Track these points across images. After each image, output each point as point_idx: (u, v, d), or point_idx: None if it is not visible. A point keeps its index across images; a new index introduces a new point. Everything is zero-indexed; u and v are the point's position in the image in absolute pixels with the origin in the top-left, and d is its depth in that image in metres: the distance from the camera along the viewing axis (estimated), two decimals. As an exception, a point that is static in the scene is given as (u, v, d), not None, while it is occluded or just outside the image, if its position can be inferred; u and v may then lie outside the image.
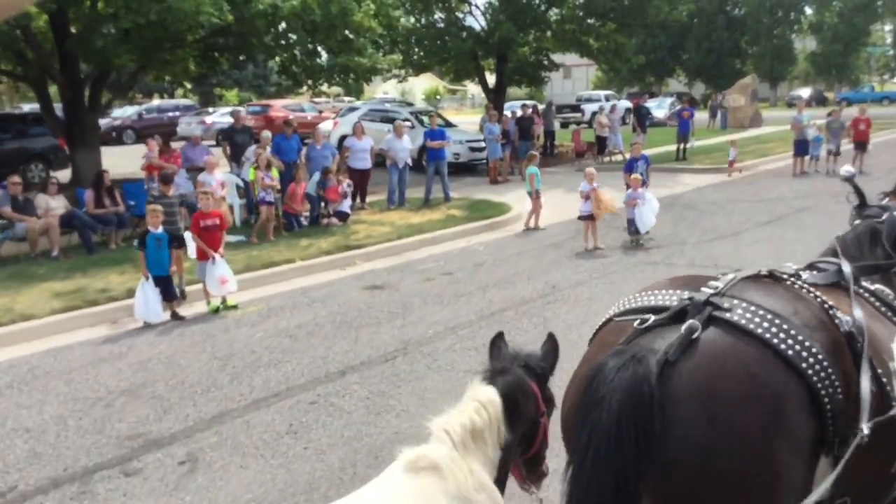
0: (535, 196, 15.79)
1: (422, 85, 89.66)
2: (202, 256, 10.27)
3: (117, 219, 14.20)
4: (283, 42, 16.45)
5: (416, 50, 29.37)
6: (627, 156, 28.11)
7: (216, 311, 10.24)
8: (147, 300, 9.64)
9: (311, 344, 8.71)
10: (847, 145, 23.61)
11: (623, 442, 2.32)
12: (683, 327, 2.50)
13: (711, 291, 2.66)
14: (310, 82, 19.58)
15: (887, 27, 74.18)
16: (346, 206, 16.17)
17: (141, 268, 9.90)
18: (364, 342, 8.71)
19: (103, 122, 40.79)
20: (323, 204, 16.09)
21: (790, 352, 2.46)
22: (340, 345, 8.65)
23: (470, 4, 29.73)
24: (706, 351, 2.45)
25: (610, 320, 2.93)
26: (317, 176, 16.06)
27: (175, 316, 10.00)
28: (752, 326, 2.50)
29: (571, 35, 28.40)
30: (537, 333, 8.72)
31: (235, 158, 16.88)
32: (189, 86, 53.79)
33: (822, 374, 2.46)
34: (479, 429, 2.70)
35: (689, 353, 2.44)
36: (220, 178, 14.60)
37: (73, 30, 17.73)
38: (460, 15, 29.97)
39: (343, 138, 26.72)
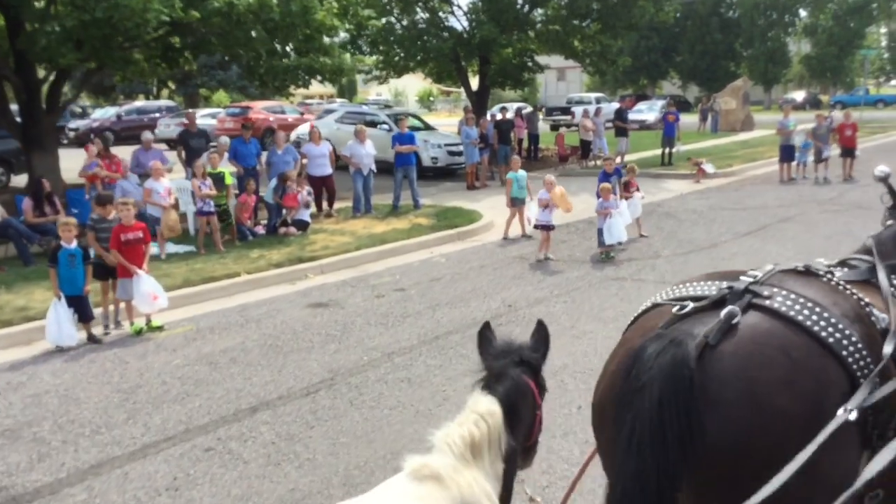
0: (511, 203, 15.00)
1: (416, 86, 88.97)
2: (123, 273, 9.42)
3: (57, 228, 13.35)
4: (242, 41, 15.47)
5: (397, 50, 28.54)
6: (601, 162, 27.55)
7: (139, 332, 9.41)
8: (59, 322, 8.80)
9: (230, 373, 7.89)
10: (834, 151, 22.82)
11: (665, 429, 2.30)
12: (723, 312, 2.49)
13: (751, 280, 2.66)
14: (276, 84, 18.64)
15: (882, 30, 73.41)
16: (305, 214, 15.34)
17: (52, 287, 9.06)
18: (289, 371, 7.89)
19: (81, 124, 40.21)
20: (282, 212, 15.25)
21: (831, 339, 2.44)
22: (262, 375, 7.83)
23: (452, 4, 28.92)
24: (746, 335, 2.44)
25: (649, 310, 2.92)
26: (273, 182, 15.24)
27: (91, 339, 9.16)
28: (792, 313, 2.48)
29: (555, 36, 27.59)
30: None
31: (190, 163, 16.04)
32: (173, 87, 53.08)
33: (862, 363, 2.44)
34: (478, 442, 2.70)
35: (729, 338, 2.43)
36: (168, 184, 13.75)
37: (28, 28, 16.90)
38: (442, 15, 29.16)
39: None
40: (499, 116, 25.82)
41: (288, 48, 17.22)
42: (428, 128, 27.12)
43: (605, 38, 27.88)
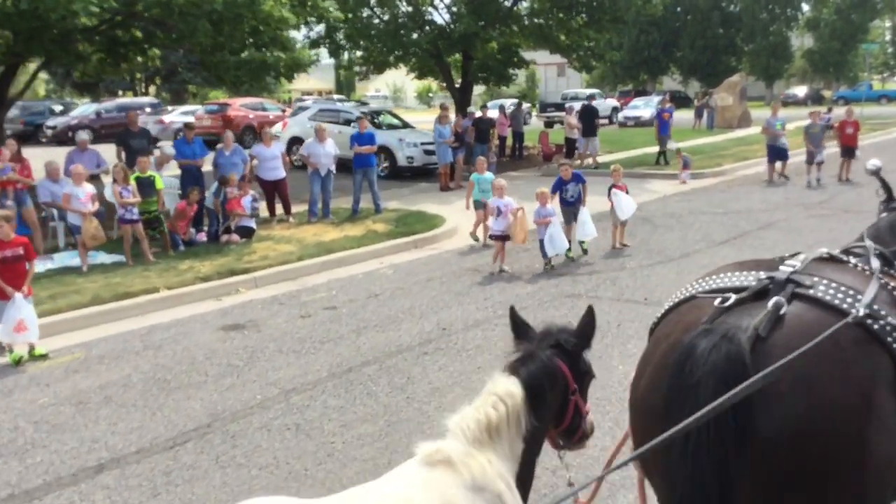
0: (472, 207, 13.96)
1: (416, 82, 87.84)
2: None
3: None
4: (186, 34, 14.41)
5: (379, 45, 27.39)
6: (589, 161, 26.39)
7: (17, 362, 8.33)
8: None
9: (95, 417, 6.82)
10: (833, 148, 21.65)
11: (723, 426, 2.26)
12: (770, 303, 2.44)
13: (791, 269, 2.61)
14: (231, 79, 17.54)
15: (887, 24, 71.98)
16: (250, 220, 14.27)
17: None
18: (163, 415, 6.82)
19: (60, 122, 39.17)
20: (223, 218, 14.17)
21: (875, 326, 2.41)
22: (131, 419, 6.75)
23: (433, -3, 27.82)
24: (795, 326, 2.40)
25: (684, 302, 2.79)
26: (214, 186, 14.18)
27: (-41, 370, 8.12)
28: (836, 302, 2.44)
29: (539, 30, 26.46)
30: (389, 401, 6.85)
31: (131, 165, 14.95)
32: (159, 83, 52.14)
33: None
34: (496, 423, 2.72)
35: (778, 329, 2.39)
36: (91, 189, 12.69)
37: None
38: (425, 9, 28.06)
39: (293, 141, 25.02)
40: (478, 114, 24.61)
41: (247, 42, 16.07)
42: (406, 126, 26.05)
43: (591, 31, 26.73)
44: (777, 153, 19.98)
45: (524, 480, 2.87)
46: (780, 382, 2.29)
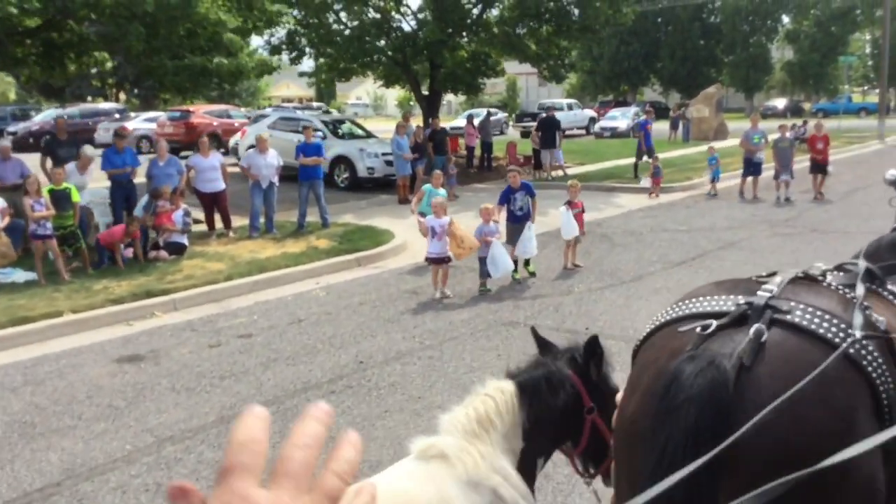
0: (414, 211, 13.15)
1: (397, 90, 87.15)
2: None
3: None
4: (117, 37, 13.55)
5: (342, 52, 26.55)
6: (558, 172, 25.66)
7: None
8: None
9: (-68, 471, 5.95)
10: (804, 163, 20.98)
11: (700, 451, 2.21)
12: (751, 331, 2.39)
13: (769, 294, 2.52)
14: (172, 86, 16.70)
15: (867, 36, 71.79)
16: (182, 236, 13.39)
17: None
18: (11, 471, 5.95)
19: (21, 127, 38.17)
20: (154, 234, 13.30)
21: (851, 350, 2.39)
22: (-28, 474, 5.89)
23: (400, 3, 26.99)
24: (777, 354, 2.38)
25: (664, 326, 2.70)
26: (144, 199, 13.31)
27: None
28: (813, 327, 2.44)
29: (505, 38, 25.72)
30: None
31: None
32: (125, 88, 51.05)
33: (880, 372, 2.44)
34: (484, 415, 2.80)
35: (761, 358, 2.36)
36: (1, 204, 11.81)
37: None
38: (394, 15, 27.29)
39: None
40: (460, 123, 23.82)
41: (183, 46, 15.21)
42: (369, 135, 25.24)
43: (560, 41, 26.01)
44: (752, 168, 19.17)
45: (524, 480, 2.85)
46: (762, 407, 2.26)
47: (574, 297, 10.66)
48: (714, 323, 2.52)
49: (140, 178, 14.72)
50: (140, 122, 35.56)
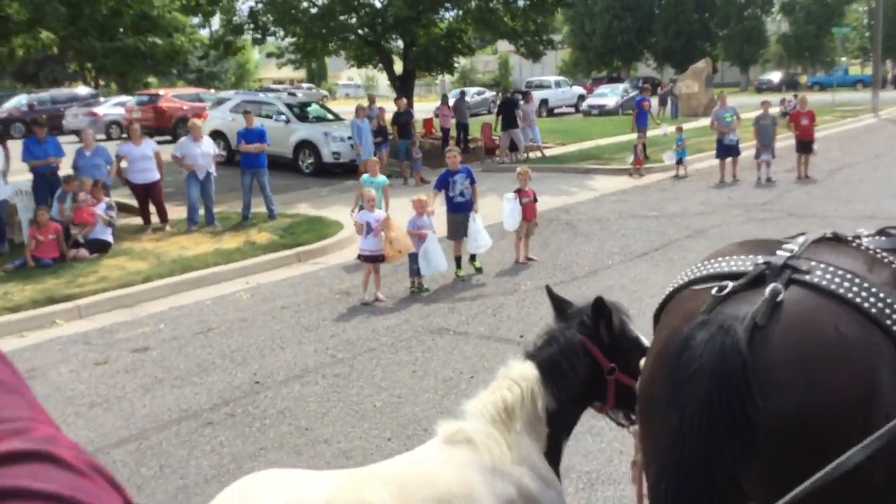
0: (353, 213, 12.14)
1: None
2: None
3: None
4: (37, 19, 12.47)
5: (307, 31, 25.39)
6: (535, 154, 24.55)
7: None
8: None
9: None
10: (786, 141, 19.91)
11: (716, 418, 2.25)
12: (767, 291, 2.38)
13: (788, 254, 2.54)
14: (102, 68, 15.63)
15: (863, 7, 70.29)
16: (105, 232, 12.38)
17: None
18: None
19: (-15, 114, 37.00)
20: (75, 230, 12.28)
21: (873, 309, 2.35)
22: None
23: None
24: (793, 313, 2.35)
25: (683, 288, 2.73)
26: (59, 191, 12.29)
27: None
28: (832, 287, 2.40)
29: (479, 13, 24.57)
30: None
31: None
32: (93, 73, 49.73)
33: None
34: (511, 405, 2.77)
35: (776, 317, 2.33)
36: None
37: None
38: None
39: (213, 135, 23.07)
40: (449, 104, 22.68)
41: (109, 26, 14.13)
42: (337, 118, 24.15)
43: (535, 15, 24.85)
44: (727, 150, 17.94)
45: (551, 461, 2.86)
46: (780, 371, 2.28)
47: (517, 298, 9.65)
48: (730, 284, 2.48)
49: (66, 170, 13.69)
50: (110, 108, 34.41)
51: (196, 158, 14.03)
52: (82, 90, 39.24)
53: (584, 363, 2.97)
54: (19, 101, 38.05)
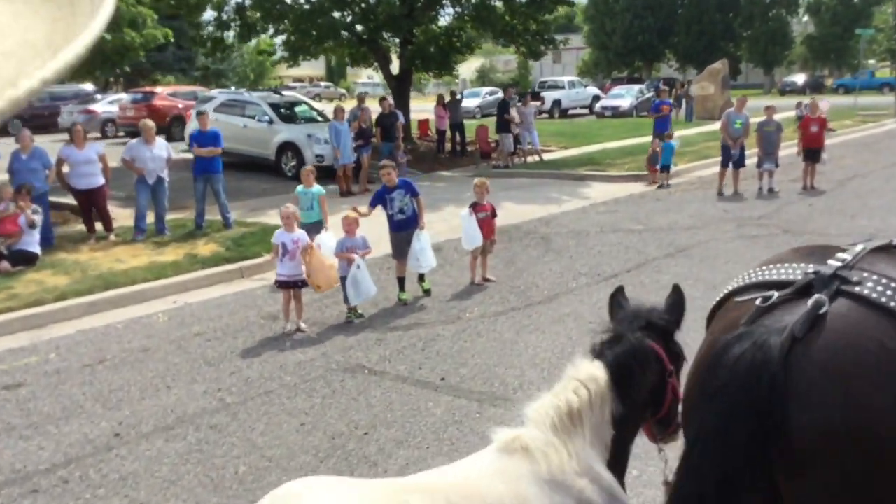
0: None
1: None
2: None
3: None
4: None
5: (294, 28, 24.33)
6: (534, 158, 23.36)
7: None
8: None
9: None
10: (789, 149, 18.57)
11: (733, 436, 2.21)
12: (810, 302, 2.27)
13: (839, 264, 2.43)
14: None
15: (890, 9, 68.28)
16: (32, 243, 11.41)
17: None
18: None
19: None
20: (-2, 241, 11.32)
21: None
22: None
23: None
24: (835, 327, 2.23)
25: (732, 295, 2.64)
26: (-20, 200, 11.36)
27: None
28: (883, 300, 2.25)
29: (475, 11, 23.44)
30: None
31: None
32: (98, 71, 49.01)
33: None
34: (577, 409, 2.59)
35: (817, 330, 2.23)
36: None
37: None
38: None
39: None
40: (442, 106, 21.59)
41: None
42: (327, 120, 23.09)
43: (533, 12, 23.67)
44: (731, 158, 16.52)
45: (617, 470, 2.68)
46: (816, 386, 2.18)
47: (457, 328, 8.53)
48: (775, 294, 2.42)
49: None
50: (106, 105, 33.61)
51: (146, 162, 13.02)
52: (79, 87, 38.42)
53: (654, 366, 2.78)
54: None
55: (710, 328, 2.69)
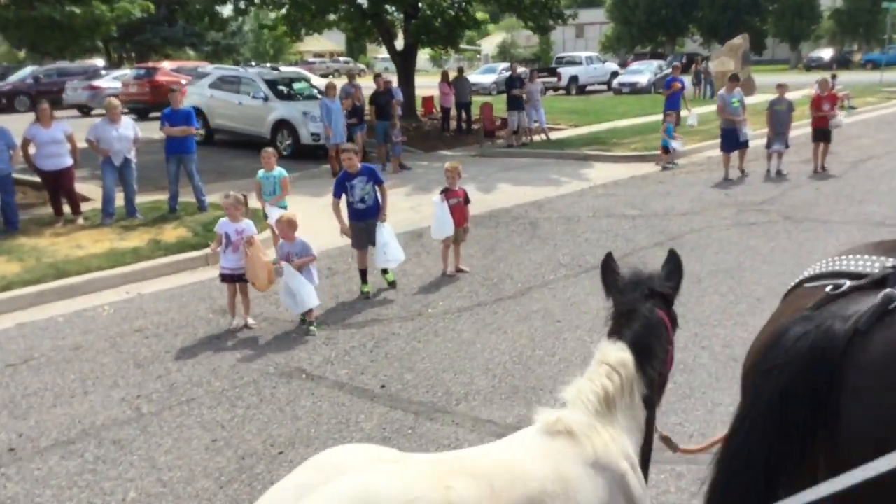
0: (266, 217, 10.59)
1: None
2: None
3: None
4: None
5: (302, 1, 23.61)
6: (541, 137, 22.59)
7: None
8: None
9: None
10: (802, 129, 17.66)
11: (785, 417, 2.21)
12: (880, 295, 2.23)
13: None
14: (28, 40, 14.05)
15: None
16: (-13, 228, 10.87)
17: None
18: None
19: (-8, 87, 35.93)
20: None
21: None
22: None
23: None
24: None
25: (805, 282, 2.64)
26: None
27: None
28: None
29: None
30: None
31: None
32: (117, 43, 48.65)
33: None
34: (612, 395, 2.59)
35: (882, 324, 2.18)
36: None
37: None
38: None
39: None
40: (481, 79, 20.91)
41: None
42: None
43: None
44: (733, 141, 15.54)
45: (647, 450, 2.72)
46: (874, 378, 2.14)
47: (414, 326, 7.87)
48: (847, 283, 2.38)
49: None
50: (110, 81, 33.08)
51: (111, 143, 12.42)
52: (86, 63, 37.88)
53: (664, 337, 2.75)
54: (25, 73, 36.89)
55: (777, 311, 2.66)
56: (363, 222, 8.92)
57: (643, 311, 2.74)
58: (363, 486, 2.17)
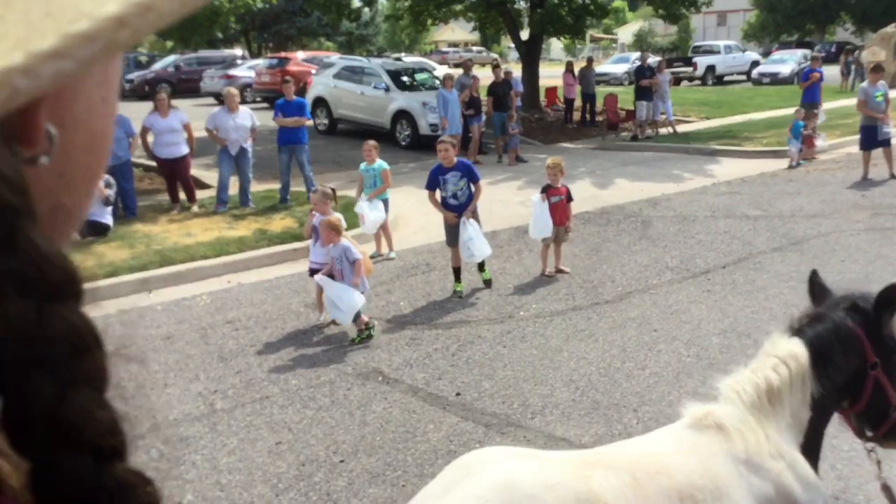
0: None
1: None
2: None
3: None
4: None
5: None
6: (667, 130, 21.72)
7: None
8: None
9: None
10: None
11: None
12: None
13: None
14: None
15: None
16: (104, 213, 11.22)
17: None
18: None
19: (137, 75, 37.67)
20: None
21: None
22: None
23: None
24: None
25: None
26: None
27: None
28: None
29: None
30: None
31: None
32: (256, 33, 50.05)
33: None
34: (777, 388, 2.46)
35: None
36: None
37: None
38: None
39: (317, 102, 21.91)
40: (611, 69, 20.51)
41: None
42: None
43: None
44: (874, 139, 14.16)
45: (811, 453, 2.53)
46: None
47: (502, 329, 7.57)
48: None
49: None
50: (245, 70, 34.07)
51: (229, 132, 12.62)
52: (225, 52, 39.17)
53: (854, 350, 2.58)
54: (168, 62, 38.49)
55: None
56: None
57: (833, 317, 2.63)
58: (505, 475, 2.21)
